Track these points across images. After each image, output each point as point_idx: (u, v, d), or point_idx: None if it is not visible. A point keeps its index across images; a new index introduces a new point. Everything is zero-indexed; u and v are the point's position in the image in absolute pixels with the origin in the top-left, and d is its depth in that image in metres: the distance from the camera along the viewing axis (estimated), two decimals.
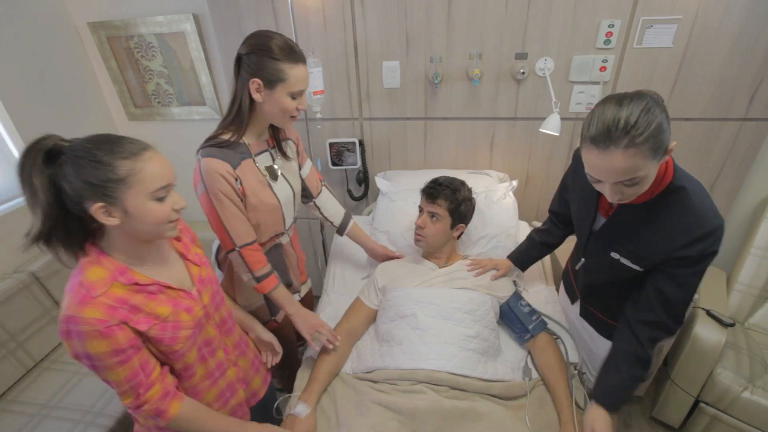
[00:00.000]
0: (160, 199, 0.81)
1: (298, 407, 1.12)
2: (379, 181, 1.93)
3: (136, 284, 0.83)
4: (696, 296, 1.53)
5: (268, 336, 1.25)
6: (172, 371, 0.93)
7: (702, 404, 1.62)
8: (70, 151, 0.75)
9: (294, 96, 1.12)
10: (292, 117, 1.17)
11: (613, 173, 0.83)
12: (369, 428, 1.03)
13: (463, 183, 1.49)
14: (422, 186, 1.50)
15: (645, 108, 0.79)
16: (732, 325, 1.55)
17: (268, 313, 1.44)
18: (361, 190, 2.20)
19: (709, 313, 1.59)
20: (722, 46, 1.59)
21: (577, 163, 1.17)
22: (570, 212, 1.25)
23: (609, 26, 1.63)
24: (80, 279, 0.78)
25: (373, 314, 1.42)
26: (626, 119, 0.79)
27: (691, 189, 0.92)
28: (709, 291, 1.77)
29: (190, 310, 0.92)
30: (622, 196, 0.88)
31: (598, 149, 0.81)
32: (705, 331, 1.53)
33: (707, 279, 1.81)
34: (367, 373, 1.22)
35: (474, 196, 1.50)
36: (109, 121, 2.31)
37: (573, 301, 1.39)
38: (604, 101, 0.84)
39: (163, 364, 0.90)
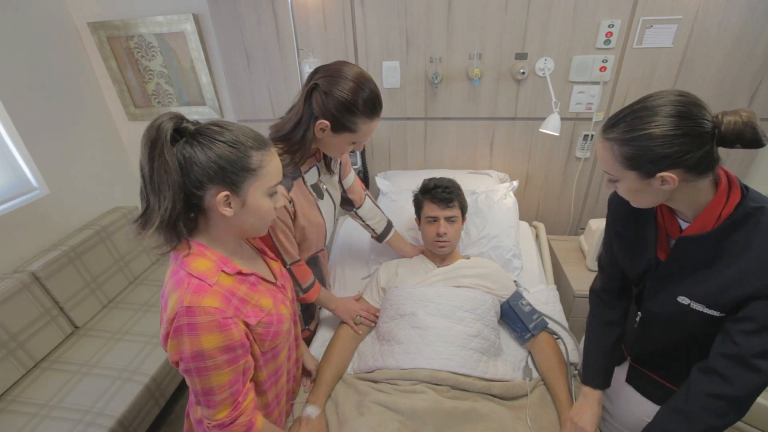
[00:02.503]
0: (271, 196, 0.80)
1: (308, 409, 1.11)
2: (380, 181, 1.93)
3: (240, 273, 0.81)
4: None
5: (313, 364, 1.24)
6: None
7: None
8: (200, 132, 0.72)
9: (354, 143, 1.10)
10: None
11: (600, 158, 0.81)
12: (370, 429, 1.03)
13: (453, 179, 1.48)
14: (419, 194, 1.47)
15: (654, 112, 0.71)
16: None
17: (302, 323, 1.44)
18: None
19: None
20: (722, 46, 1.60)
21: (613, 202, 1.01)
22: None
23: (609, 26, 1.63)
24: (187, 271, 0.74)
25: (377, 313, 1.42)
26: (627, 112, 0.75)
27: None
28: None
29: (284, 303, 0.90)
30: (613, 188, 0.84)
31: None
32: None
33: None
34: (368, 372, 1.22)
35: (474, 196, 1.49)
36: (108, 121, 2.30)
37: (619, 362, 1.11)
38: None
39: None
